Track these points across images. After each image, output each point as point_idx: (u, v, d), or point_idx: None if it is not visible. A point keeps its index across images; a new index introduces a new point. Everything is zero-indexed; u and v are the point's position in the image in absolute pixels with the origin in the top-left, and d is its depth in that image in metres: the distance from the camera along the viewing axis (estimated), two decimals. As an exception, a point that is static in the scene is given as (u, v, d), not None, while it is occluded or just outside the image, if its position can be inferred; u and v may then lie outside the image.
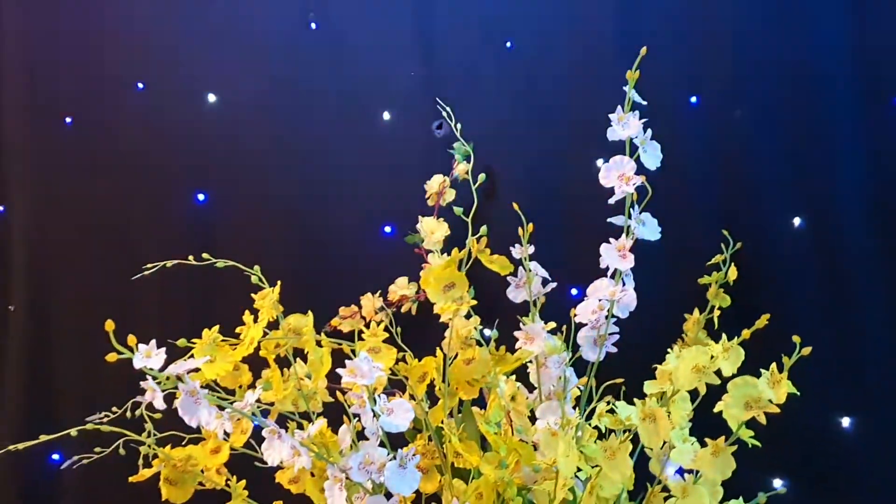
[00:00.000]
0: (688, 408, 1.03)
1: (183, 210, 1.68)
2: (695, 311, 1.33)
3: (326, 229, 1.66)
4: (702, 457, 1.01)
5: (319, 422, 0.97)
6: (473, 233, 1.13)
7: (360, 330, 1.10)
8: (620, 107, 1.09)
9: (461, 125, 1.52)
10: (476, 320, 1.15)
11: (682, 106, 1.56)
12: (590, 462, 1.03)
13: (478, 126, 1.56)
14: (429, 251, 1.52)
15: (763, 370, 0.95)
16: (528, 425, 1.19)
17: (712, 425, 1.04)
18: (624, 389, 1.10)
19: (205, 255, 1.14)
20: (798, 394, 0.94)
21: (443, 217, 1.53)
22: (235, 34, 1.69)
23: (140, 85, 1.70)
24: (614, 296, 1.11)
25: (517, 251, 1.16)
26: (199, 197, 1.68)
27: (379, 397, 0.97)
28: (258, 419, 0.95)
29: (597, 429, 1.09)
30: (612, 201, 1.10)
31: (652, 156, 1.09)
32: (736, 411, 0.95)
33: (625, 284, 1.12)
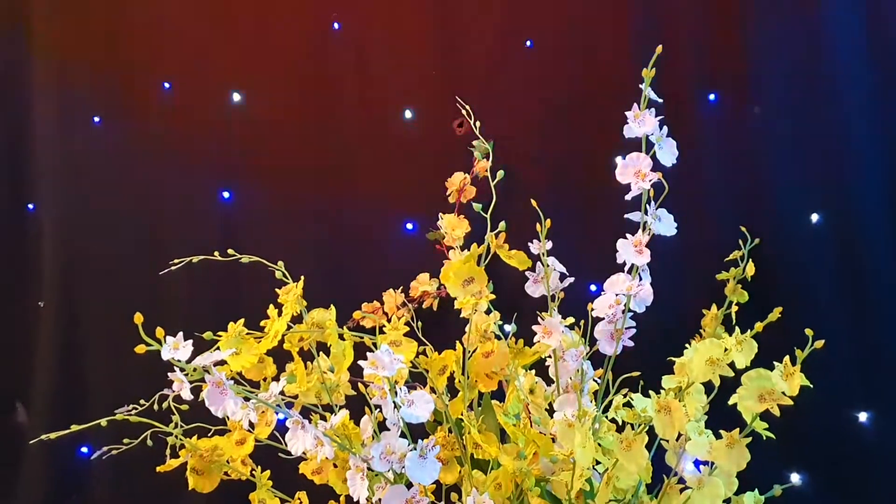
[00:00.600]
0: (703, 400, 1.04)
1: (208, 207, 1.71)
2: (713, 307, 1.33)
3: (349, 226, 1.68)
4: (717, 448, 1.02)
5: (342, 412, 0.99)
6: (492, 229, 1.15)
7: (382, 325, 1.12)
8: (637, 104, 1.11)
9: (480, 123, 1.54)
10: (496, 315, 1.17)
11: (701, 103, 1.57)
12: (606, 454, 1.05)
13: (498, 124, 1.58)
14: (450, 247, 1.54)
15: (777, 363, 0.96)
16: (547, 418, 1.21)
17: (728, 420, 1.05)
18: (642, 384, 1.12)
19: (230, 251, 1.17)
20: (811, 386, 0.95)
21: (463, 214, 1.55)
22: (260, 35, 1.72)
23: (167, 84, 1.73)
24: (631, 290, 1.12)
25: (535, 247, 1.18)
26: (224, 194, 1.71)
27: (400, 389, 0.99)
28: (283, 410, 0.97)
29: (613, 422, 1.11)
30: (629, 197, 1.12)
31: (668, 152, 1.11)
32: (750, 403, 0.96)
33: (641, 279, 1.14)
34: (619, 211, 1.15)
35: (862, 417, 1.52)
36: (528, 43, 1.63)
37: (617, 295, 1.14)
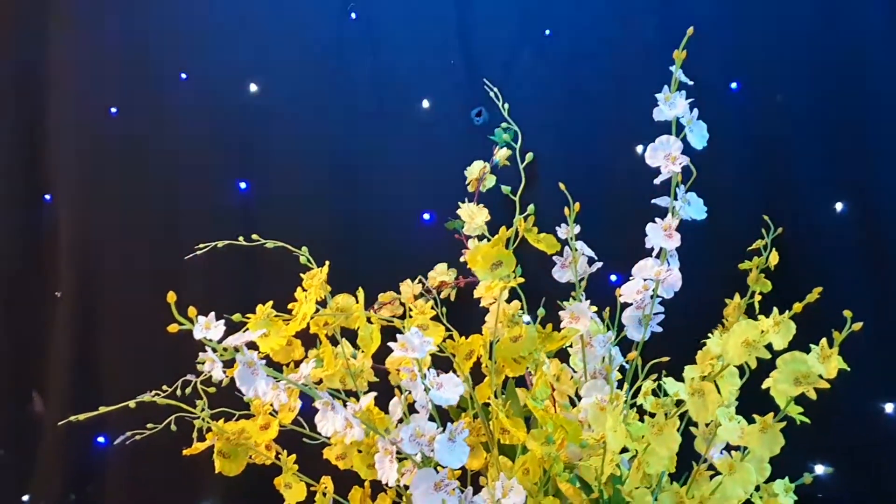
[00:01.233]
0: (736, 383, 1.02)
1: (226, 198, 1.70)
2: (735, 297, 1.32)
3: (367, 216, 1.67)
4: (750, 432, 1.01)
5: (370, 395, 0.98)
6: (521, 212, 1.14)
7: (410, 308, 1.11)
8: (667, 87, 1.10)
9: (504, 109, 1.53)
10: (517, 304, 1.16)
11: (723, 91, 1.56)
12: (636, 439, 1.04)
13: (517, 113, 1.57)
14: (468, 237, 1.53)
15: (813, 345, 0.95)
16: (569, 407, 1.20)
17: (758, 408, 1.04)
18: (665, 371, 1.11)
19: (254, 237, 1.17)
20: (849, 369, 0.94)
21: (482, 203, 1.54)
22: (277, 24, 1.71)
23: (183, 75, 1.72)
24: (659, 275, 1.11)
25: (563, 231, 1.17)
26: (242, 185, 1.70)
27: (429, 371, 0.99)
28: (313, 391, 0.97)
29: (635, 407, 1.10)
30: (658, 181, 1.11)
31: (698, 135, 1.10)
32: (785, 387, 0.95)
33: (670, 265, 1.13)
34: (638, 202, 1.14)
35: (888, 409, 1.50)
36: (548, 31, 1.62)
37: (645, 280, 1.13)
